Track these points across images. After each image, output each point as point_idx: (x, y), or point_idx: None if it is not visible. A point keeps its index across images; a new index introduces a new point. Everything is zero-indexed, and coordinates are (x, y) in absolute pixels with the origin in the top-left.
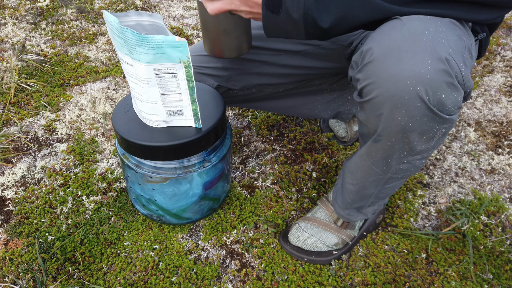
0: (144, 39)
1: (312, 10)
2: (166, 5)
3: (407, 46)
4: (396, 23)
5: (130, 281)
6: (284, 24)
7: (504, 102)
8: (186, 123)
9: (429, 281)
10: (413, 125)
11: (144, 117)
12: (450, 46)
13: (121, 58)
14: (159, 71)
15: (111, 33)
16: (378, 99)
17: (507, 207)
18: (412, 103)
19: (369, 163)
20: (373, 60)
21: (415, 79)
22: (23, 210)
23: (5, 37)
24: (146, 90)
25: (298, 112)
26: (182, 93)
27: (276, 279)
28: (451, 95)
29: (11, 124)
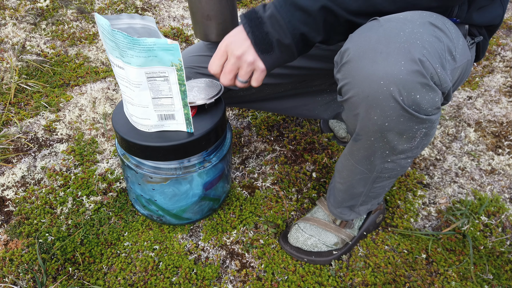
0: (135, 42)
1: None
2: (166, 5)
3: (381, 47)
4: (374, 24)
5: (130, 282)
6: (280, 56)
7: (504, 102)
8: (177, 127)
9: (429, 282)
10: (389, 124)
11: (135, 121)
12: (425, 47)
13: (112, 61)
14: (150, 75)
15: (102, 36)
16: (354, 99)
17: (507, 207)
18: (386, 103)
19: (353, 162)
20: (349, 60)
21: (388, 80)
22: (23, 211)
23: (5, 38)
24: (137, 94)
25: (298, 113)
26: (174, 97)
27: (276, 280)
28: (426, 96)
29: (11, 125)
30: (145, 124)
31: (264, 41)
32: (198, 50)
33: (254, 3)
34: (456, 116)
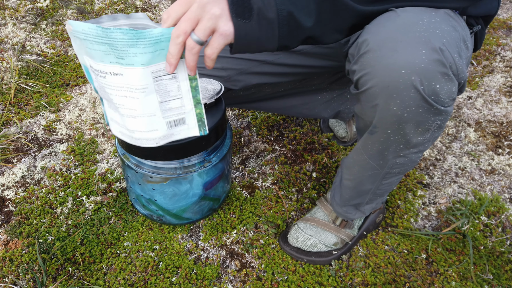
0: (139, 36)
1: (288, 4)
2: (166, 5)
3: (401, 36)
4: (391, 14)
5: (130, 282)
6: (257, 31)
7: (504, 102)
8: (189, 133)
9: (429, 282)
10: (408, 115)
11: (137, 138)
12: (444, 36)
13: (101, 70)
14: (157, 74)
15: (84, 44)
16: (373, 89)
17: (507, 207)
18: (407, 93)
19: (366, 157)
20: (368, 50)
21: (409, 69)
22: (23, 211)
23: (5, 38)
24: (141, 101)
25: (298, 112)
26: (184, 96)
27: (276, 280)
28: (445, 86)
29: (11, 125)
30: (151, 137)
31: (244, 3)
32: None
33: None
34: (456, 116)
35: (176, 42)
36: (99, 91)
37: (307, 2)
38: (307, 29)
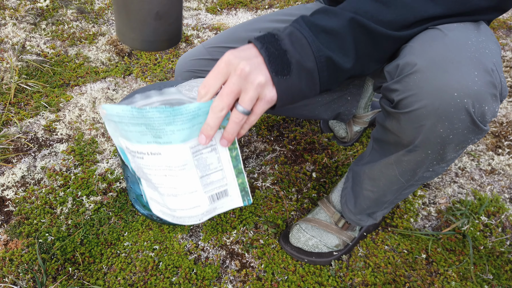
0: (176, 113)
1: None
2: None
3: (452, 56)
4: (436, 33)
5: (130, 282)
6: (298, 83)
7: (504, 102)
8: (232, 205)
9: (429, 282)
10: (453, 137)
11: (180, 217)
12: (494, 56)
13: (138, 151)
14: (196, 148)
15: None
16: (420, 111)
17: (507, 207)
18: (457, 115)
19: (397, 173)
20: (415, 71)
21: (463, 91)
22: (23, 211)
23: (5, 38)
24: (181, 179)
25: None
26: (224, 167)
27: (276, 280)
28: (491, 106)
29: (11, 125)
30: (194, 214)
31: (282, 59)
32: (198, 54)
33: (254, 3)
34: None
35: (219, 115)
36: (137, 171)
37: (343, 42)
38: (347, 70)
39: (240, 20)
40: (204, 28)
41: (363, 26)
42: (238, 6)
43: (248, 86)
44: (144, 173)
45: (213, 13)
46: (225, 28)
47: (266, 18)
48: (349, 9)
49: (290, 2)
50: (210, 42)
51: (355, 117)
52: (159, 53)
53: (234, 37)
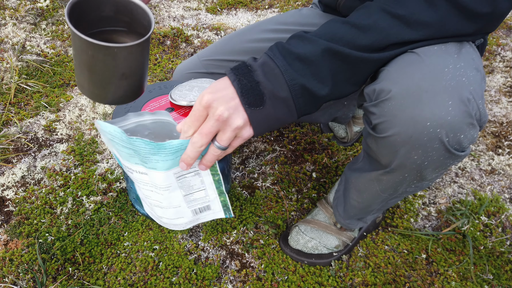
0: (160, 147)
1: (299, 78)
2: (166, 5)
3: (427, 85)
4: (414, 58)
5: (130, 282)
6: (273, 112)
7: (504, 102)
8: (214, 216)
9: (429, 282)
10: (428, 163)
11: (165, 223)
12: (471, 83)
13: (128, 167)
14: (179, 173)
15: (112, 143)
16: (394, 138)
17: (507, 207)
18: (431, 144)
19: (378, 189)
20: (390, 98)
21: (436, 122)
22: (23, 211)
23: (5, 38)
24: (166, 197)
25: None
26: (207, 188)
27: (276, 280)
28: (469, 134)
29: (11, 125)
30: (178, 223)
31: (254, 91)
32: (193, 67)
33: (254, 3)
34: None
35: (198, 150)
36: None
37: (318, 69)
38: (324, 96)
39: (240, 20)
40: (204, 28)
41: (338, 53)
42: (238, 6)
43: (227, 128)
44: (134, 183)
45: (213, 13)
46: (225, 28)
47: (261, 27)
48: (324, 36)
49: (290, 2)
50: (205, 53)
51: (355, 117)
52: (159, 53)
53: (229, 48)
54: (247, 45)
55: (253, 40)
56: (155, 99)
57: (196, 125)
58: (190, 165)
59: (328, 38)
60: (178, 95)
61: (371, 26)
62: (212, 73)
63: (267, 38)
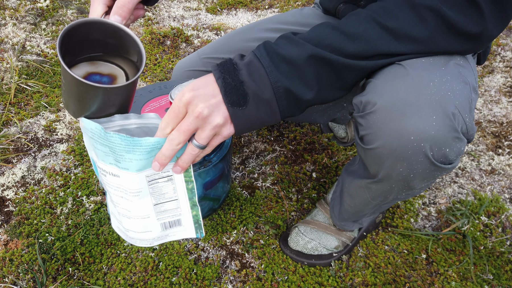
0: (135, 143)
1: (283, 80)
2: (166, 5)
3: (411, 99)
4: (399, 71)
5: (130, 282)
6: (255, 113)
7: (504, 102)
8: (184, 234)
9: (429, 282)
10: (414, 175)
11: (132, 237)
12: (457, 98)
13: (102, 169)
14: (152, 177)
15: (90, 142)
16: (379, 150)
17: (507, 207)
18: (415, 158)
19: (368, 196)
20: (375, 111)
21: (419, 136)
22: (23, 211)
23: (5, 38)
24: (135, 204)
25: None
26: (180, 198)
27: (276, 280)
28: (455, 147)
29: (11, 125)
30: (145, 238)
31: (238, 91)
32: (193, 64)
33: (254, 3)
34: None
35: (175, 148)
36: (103, 185)
37: (304, 73)
38: (308, 100)
39: (240, 20)
40: (204, 28)
41: (324, 59)
42: (238, 6)
43: (206, 126)
44: (106, 189)
45: (213, 13)
46: (225, 29)
47: (261, 26)
48: (312, 40)
49: (290, 1)
50: (204, 51)
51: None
52: (159, 53)
53: (229, 46)
54: (248, 44)
55: (253, 39)
56: (155, 99)
57: (174, 122)
58: (164, 165)
59: (316, 43)
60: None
61: (360, 35)
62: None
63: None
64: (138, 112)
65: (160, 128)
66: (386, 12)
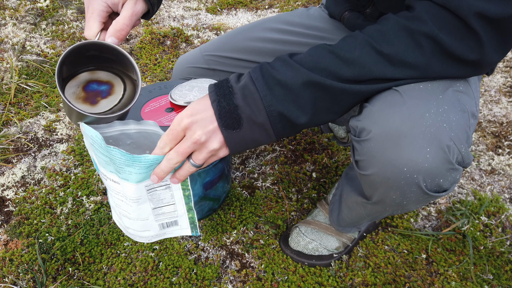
0: (135, 159)
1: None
2: (166, 5)
3: (406, 130)
4: (396, 99)
5: (130, 282)
6: (250, 135)
7: (504, 102)
8: (181, 232)
9: (429, 282)
10: (407, 202)
11: (131, 234)
12: (452, 129)
13: (104, 174)
14: (150, 186)
15: (91, 147)
16: (373, 177)
17: (507, 207)
18: (408, 188)
19: (363, 213)
20: (370, 139)
21: (412, 167)
22: (23, 211)
23: (5, 38)
24: (135, 209)
25: None
26: (177, 203)
27: (276, 280)
28: (449, 177)
29: (11, 125)
30: (144, 236)
31: (231, 115)
32: (195, 61)
33: (254, 3)
34: None
35: (172, 166)
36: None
37: (298, 97)
38: (302, 124)
39: (240, 20)
40: (204, 28)
41: (319, 84)
42: (238, 6)
43: (203, 150)
44: (107, 190)
45: (213, 13)
46: (225, 29)
47: (266, 25)
48: (307, 64)
49: (290, 2)
50: (207, 47)
51: None
52: (159, 53)
53: (232, 45)
54: (251, 43)
55: (257, 39)
56: (155, 99)
57: (173, 144)
58: (162, 178)
59: (311, 67)
60: (178, 95)
61: (355, 60)
62: (213, 70)
63: (271, 38)
64: (138, 112)
65: (158, 147)
66: (382, 37)
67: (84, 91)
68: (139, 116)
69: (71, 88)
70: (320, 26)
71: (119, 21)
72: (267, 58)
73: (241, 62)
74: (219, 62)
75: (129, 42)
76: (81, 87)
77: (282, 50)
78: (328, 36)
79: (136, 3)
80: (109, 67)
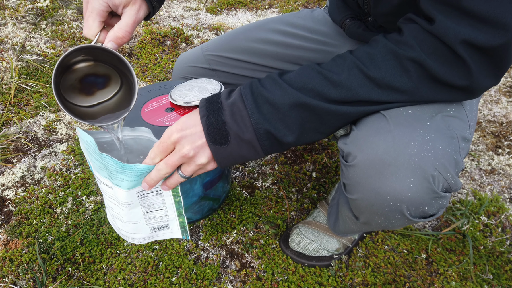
0: (127, 168)
1: (264, 123)
2: (166, 5)
3: (390, 159)
4: (381, 126)
5: (130, 282)
6: (237, 150)
7: (504, 102)
8: (172, 235)
9: (429, 282)
10: (393, 226)
11: (124, 235)
12: (438, 159)
13: (98, 177)
14: (142, 192)
15: (86, 152)
16: (358, 202)
17: (507, 207)
18: (392, 215)
19: (355, 228)
20: (355, 165)
21: (396, 197)
22: (23, 211)
23: (5, 38)
24: (127, 213)
25: None
26: (168, 208)
27: (276, 280)
28: (435, 204)
29: (11, 125)
30: (136, 237)
31: (219, 131)
32: (195, 60)
33: (254, 3)
34: None
35: (162, 175)
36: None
37: (286, 117)
38: (289, 143)
39: (240, 20)
40: (204, 28)
41: (306, 104)
42: (238, 6)
43: (191, 163)
44: (103, 193)
45: (213, 13)
46: (225, 28)
47: (269, 26)
48: (295, 84)
49: (290, 2)
50: (209, 47)
51: None
52: (159, 53)
53: (234, 45)
54: (253, 44)
55: (260, 40)
56: (155, 99)
57: (163, 155)
58: (152, 186)
59: (300, 87)
60: (178, 95)
61: (342, 82)
62: (214, 70)
63: (274, 40)
64: (138, 112)
65: (149, 157)
66: (370, 60)
67: (81, 82)
68: (139, 116)
69: (68, 80)
70: (324, 31)
71: (121, 28)
72: (269, 61)
73: (242, 63)
74: (220, 63)
75: (129, 42)
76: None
77: (284, 53)
78: (331, 41)
79: (139, 10)
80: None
